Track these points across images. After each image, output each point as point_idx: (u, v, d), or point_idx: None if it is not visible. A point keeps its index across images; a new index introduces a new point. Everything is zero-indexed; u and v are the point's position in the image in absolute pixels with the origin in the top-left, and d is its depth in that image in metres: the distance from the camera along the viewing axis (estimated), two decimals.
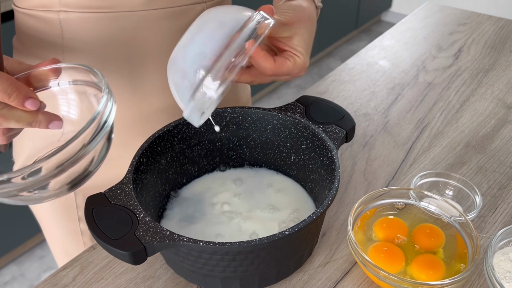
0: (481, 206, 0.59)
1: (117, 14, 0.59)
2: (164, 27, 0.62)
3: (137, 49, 0.63)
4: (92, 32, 0.60)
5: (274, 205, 0.61)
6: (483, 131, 0.76)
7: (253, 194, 0.63)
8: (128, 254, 0.44)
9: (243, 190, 0.64)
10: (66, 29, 0.60)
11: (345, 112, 0.61)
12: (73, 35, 0.60)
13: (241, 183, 0.65)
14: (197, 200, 0.63)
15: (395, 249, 0.52)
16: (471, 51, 0.98)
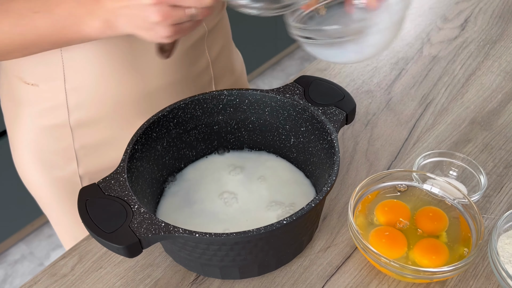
0: (486, 187, 0.57)
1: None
2: None
3: None
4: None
5: (273, 189, 0.60)
6: (489, 107, 0.73)
7: (252, 178, 0.62)
8: (123, 248, 0.43)
9: (242, 174, 0.62)
10: None
11: (345, 92, 0.58)
12: None
13: (240, 167, 0.64)
14: (195, 184, 0.62)
15: (397, 233, 0.51)
16: (478, 21, 0.94)
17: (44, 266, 1.73)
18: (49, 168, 0.70)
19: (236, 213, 0.57)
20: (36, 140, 0.68)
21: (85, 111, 0.65)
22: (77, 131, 0.66)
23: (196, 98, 0.59)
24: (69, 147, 0.68)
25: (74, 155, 0.68)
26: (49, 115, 0.65)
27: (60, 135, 0.67)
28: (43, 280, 0.54)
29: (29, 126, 0.67)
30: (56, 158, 0.69)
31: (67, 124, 0.65)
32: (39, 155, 0.69)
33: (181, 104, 0.59)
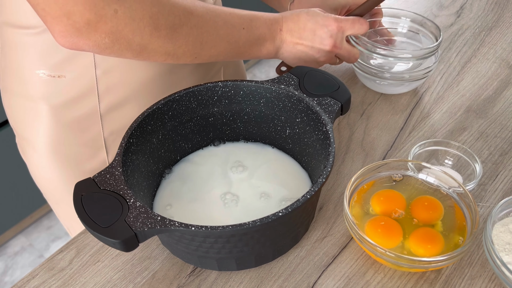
0: (481, 175, 0.57)
1: None
2: None
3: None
4: None
5: (269, 179, 0.60)
6: (485, 94, 0.73)
7: (248, 169, 0.62)
8: (119, 242, 0.43)
9: (238, 165, 0.62)
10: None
11: (340, 83, 0.58)
12: None
13: (236, 158, 0.64)
14: (191, 176, 0.62)
15: (393, 223, 0.51)
16: (473, 8, 0.94)
17: (44, 258, 1.73)
18: (74, 164, 0.68)
19: (232, 204, 0.58)
20: (59, 137, 0.66)
21: (114, 95, 0.64)
22: (107, 117, 0.65)
23: (190, 90, 0.59)
24: (98, 136, 0.66)
25: (103, 143, 0.67)
26: (76, 106, 0.64)
27: (88, 125, 0.65)
28: (41, 274, 0.54)
29: (50, 123, 0.65)
30: (83, 151, 0.67)
31: (97, 111, 0.64)
32: (63, 151, 0.67)
33: (175, 96, 0.59)
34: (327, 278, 0.52)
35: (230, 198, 0.58)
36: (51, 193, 0.75)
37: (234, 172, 0.61)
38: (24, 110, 0.67)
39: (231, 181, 0.60)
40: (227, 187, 0.59)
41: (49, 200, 0.78)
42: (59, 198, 0.75)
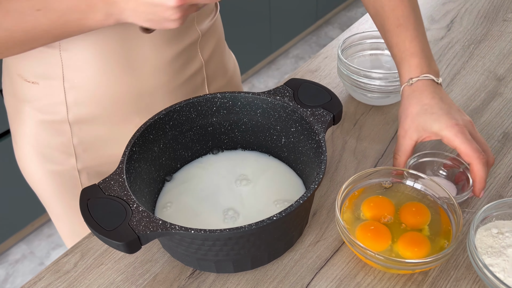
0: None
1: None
2: None
3: (131, 29, 0.63)
4: None
5: (265, 186, 0.63)
6: (473, 105, 0.76)
7: (245, 176, 0.64)
8: (123, 244, 0.46)
9: (235, 173, 0.65)
10: None
11: (332, 94, 0.61)
12: None
13: (234, 166, 0.67)
14: (191, 183, 0.64)
15: (382, 227, 0.54)
16: (463, 22, 0.97)
17: (45, 265, 1.75)
18: (49, 162, 0.73)
19: (228, 209, 0.60)
20: (37, 135, 0.71)
21: (83, 108, 0.68)
22: (76, 127, 0.69)
23: (190, 101, 0.62)
24: (68, 143, 0.70)
25: (73, 150, 0.71)
26: (49, 111, 0.68)
27: (59, 130, 0.69)
28: (47, 277, 0.57)
29: (30, 122, 0.70)
30: (56, 153, 0.72)
31: (66, 120, 0.68)
32: (40, 149, 0.72)
33: (176, 107, 0.62)
34: (320, 280, 0.55)
35: (226, 204, 0.61)
36: (35, 188, 0.80)
37: (232, 180, 0.64)
38: (13, 108, 0.72)
39: (227, 188, 0.63)
40: (224, 194, 0.62)
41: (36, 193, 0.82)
42: (46, 196, 0.79)
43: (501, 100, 0.77)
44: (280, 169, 0.66)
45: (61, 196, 0.77)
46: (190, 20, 0.69)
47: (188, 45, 0.70)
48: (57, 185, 0.75)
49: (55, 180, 0.75)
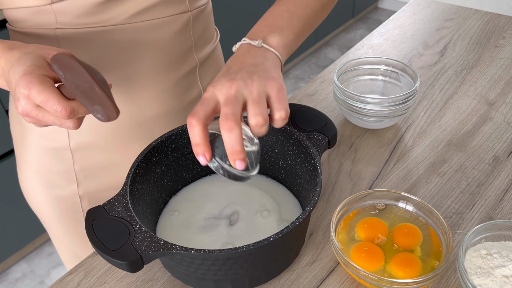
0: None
1: (110, 28, 0.63)
2: (154, 36, 0.66)
3: (131, 58, 0.66)
4: (87, 44, 0.63)
5: (263, 208, 0.65)
6: (465, 129, 0.79)
7: (244, 197, 0.67)
8: (126, 263, 0.48)
9: (235, 194, 0.68)
10: (62, 42, 0.63)
11: (328, 119, 0.64)
12: (70, 48, 0.64)
13: (233, 187, 0.69)
14: (192, 204, 0.67)
15: (375, 248, 0.56)
16: (456, 48, 1.00)
17: (45, 284, 1.76)
18: (51, 187, 0.75)
19: (229, 230, 0.62)
20: (40, 161, 0.73)
21: (84, 136, 0.70)
22: (77, 154, 0.71)
23: None
24: (70, 169, 0.73)
25: (74, 176, 0.73)
26: (52, 138, 0.71)
27: (61, 157, 0.72)
28: None
29: (34, 148, 0.73)
30: (58, 179, 0.74)
31: (67, 147, 0.71)
32: (43, 175, 0.74)
33: (178, 130, 0.64)
34: None
35: (228, 224, 0.63)
36: (37, 211, 0.82)
37: (231, 201, 0.66)
38: (18, 134, 0.75)
39: (227, 208, 0.65)
40: (226, 214, 0.64)
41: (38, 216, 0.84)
42: (47, 219, 0.81)
43: (491, 125, 0.79)
44: (278, 190, 0.68)
45: (62, 220, 0.79)
46: (189, 48, 0.72)
47: (186, 72, 0.72)
48: (58, 209, 0.77)
49: (57, 205, 0.77)
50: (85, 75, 0.48)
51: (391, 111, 0.75)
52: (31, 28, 0.63)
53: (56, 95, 0.47)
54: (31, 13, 0.61)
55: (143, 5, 0.62)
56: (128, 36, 0.64)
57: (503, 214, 0.64)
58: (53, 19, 0.61)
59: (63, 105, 0.47)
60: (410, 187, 0.69)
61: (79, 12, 0.60)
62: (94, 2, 0.59)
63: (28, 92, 0.47)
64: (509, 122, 0.79)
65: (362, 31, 3.10)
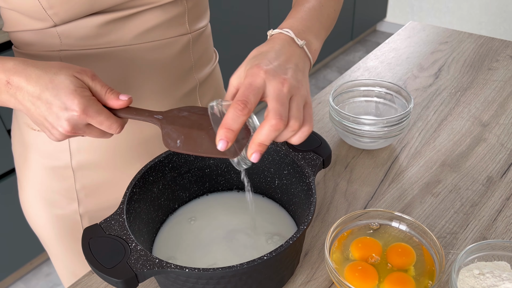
0: None
1: (113, 49, 0.64)
2: (155, 57, 0.68)
3: (133, 78, 0.68)
4: (91, 65, 0.65)
5: (259, 226, 0.65)
6: (459, 150, 0.80)
7: (240, 217, 0.67)
8: (121, 282, 0.48)
9: (231, 213, 0.68)
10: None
11: (322, 140, 0.65)
12: None
13: (229, 206, 0.70)
14: (188, 223, 0.67)
15: (369, 268, 0.57)
16: (451, 70, 1.02)
17: None
18: (52, 206, 0.76)
19: (225, 249, 0.63)
20: (42, 180, 0.74)
21: (86, 155, 0.71)
22: (78, 173, 0.72)
23: None
24: (71, 188, 0.73)
25: (75, 195, 0.74)
26: (53, 158, 0.72)
27: (63, 176, 0.73)
28: None
29: (36, 168, 0.74)
30: (59, 198, 0.75)
31: (69, 166, 0.72)
32: (44, 194, 0.75)
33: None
34: None
35: (224, 243, 0.63)
36: (38, 231, 0.82)
37: (228, 220, 0.67)
38: (20, 155, 0.76)
39: (225, 227, 0.66)
40: (222, 233, 0.65)
41: (38, 236, 0.84)
42: (47, 238, 0.81)
43: (485, 146, 0.80)
44: (273, 209, 0.69)
45: (62, 239, 0.79)
46: (189, 68, 0.73)
47: (187, 92, 0.74)
48: (58, 228, 0.78)
49: (57, 224, 0.77)
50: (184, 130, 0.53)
51: (385, 132, 0.76)
52: (36, 50, 0.65)
53: (110, 115, 0.54)
54: (37, 35, 0.63)
55: (144, 27, 0.64)
56: (130, 57, 0.66)
57: (497, 234, 0.65)
58: (58, 41, 0.63)
59: (118, 123, 0.54)
60: (405, 207, 0.70)
61: (82, 34, 0.62)
62: (96, 24, 0.61)
63: (83, 113, 0.51)
64: (503, 143, 0.81)
65: (361, 53, 3.14)
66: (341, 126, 0.78)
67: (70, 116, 0.51)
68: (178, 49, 0.70)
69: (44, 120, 0.53)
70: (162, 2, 0.64)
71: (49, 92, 0.51)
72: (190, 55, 0.72)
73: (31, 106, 0.53)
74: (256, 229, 0.65)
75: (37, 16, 0.60)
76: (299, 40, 0.56)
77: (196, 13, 0.71)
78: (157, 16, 0.65)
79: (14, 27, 0.64)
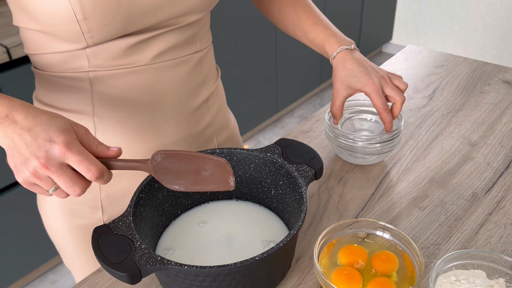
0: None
1: (136, 68, 0.71)
2: (172, 73, 0.74)
3: (154, 93, 0.74)
4: (117, 83, 0.71)
5: (255, 233, 0.70)
6: (447, 167, 0.85)
7: (238, 224, 0.72)
8: (126, 275, 0.53)
9: (230, 221, 0.73)
10: (95, 84, 0.70)
11: (315, 153, 0.70)
12: (102, 88, 0.71)
13: (229, 215, 0.75)
14: (190, 229, 0.72)
15: (354, 272, 0.61)
16: (444, 92, 1.07)
17: None
18: (75, 217, 0.80)
19: (222, 253, 0.68)
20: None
21: None
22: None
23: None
24: (96, 198, 0.78)
25: (100, 204, 0.79)
26: None
27: (91, 187, 0.77)
28: None
29: None
30: (84, 208, 0.79)
31: None
32: (68, 205, 0.80)
33: None
34: None
35: (222, 247, 0.68)
36: (57, 241, 0.87)
37: (226, 226, 0.72)
38: None
39: (223, 233, 0.71)
40: (220, 238, 0.70)
41: (57, 246, 0.89)
42: (64, 245, 0.85)
43: (472, 164, 0.85)
44: (269, 218, 0.74)
45: (81, 247, 0.83)
46: (201, 82, 0.80)
47: (200, 103, 0.80)
48: (78, 237, 0.82)
49: (79, 233, 0.81)
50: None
51: (378, 149, 0.81)
52: (63, 72, 0.70)
53: (91, 157, 0.53)
54: (64, 57, 0.68)
55: (162, 48, 0.71)
56: (152, 75, 0.72)
57: (477, 246, 0.69)
58: (86, 63, 0.68)
59: (98, 168, 0.53)
60: (393, 219, 0.75)
61: (110, 55, 0.68)
62: (123, 46, 0.67)
63: (65, 147, 0.52)
64: (489, 162, 0.85)
65: None
66: (336, 142, 0.84)
67: (51, 148, 0.52)
68: (192, 65, 0.76)
69: (23, 151, 0.52)
70: (181, 24, 0.71)
71: (41, 127, 0.53)
72: (201, 70, 0.79)
73: (16, 138, 0.53)
74: (253, 236, 0.70)
75: (71, 39, 0.64)
76: (352, 46, 0.84)
77: (204, 32, 0.78)
78: (175, 37, 0.71)
79: (39, 49, 0.68)
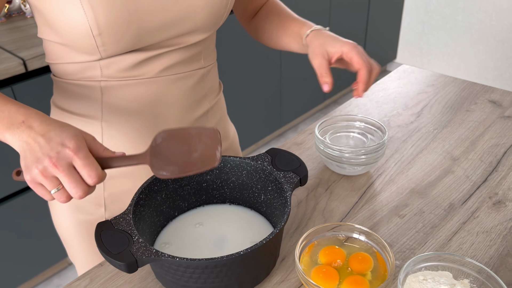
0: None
1: (144, 80, 0.78)
2: (177, 86, 0.81)
3: (158, 103, 0.81)
4: (125, 93, 0.78)
5: (245, 234, 0.77)
6: (428, 179, 0.91)
7: (230, 226, 0.79)
8: (124, 265, 0.60)
9: (223, 223, 0.80)
10: (105, 92, 0.78)
11: (301, 162, 0.77)
12: (111, 97, 0.78)
13: (222, 217, 0.81)
14: (186, 230, 0.79)
15: (332, 270, 0.67)
16: (432, 110, 1.14)
17: None
18: (80, 212, 0.87)
19: (215, 251, 0.74)
20: None
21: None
22: (108, 183, 0.84)
23: None
24: (100, 195, 0.85)
25: (103, 202, 0.86)
26: None
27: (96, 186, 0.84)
28: None
29: None
30: (88, 204, 0.86)
31: None
32: (74, 201, 0.86)
33: None
34: None
35: (214, 246, 0.74)
36: (63, 235, 0.94)
37: (219, 228, 0.78)
38: None
39: (216, 234, 0.77)
40: (213, 238, 0.76)
41: (62, 240, 0.95)
42: (70, 239, 0.92)
43: (452, 177, 0.91)
44: (258, 221, 0.80)
45: (84, 241, 0.90)
46: (203, 96, 0.87)
47: (201, 115, 0.87)
48: (82, 231, 0.89)
49: (83, 228, 0.88)
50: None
51: (363, 160, 0.88)
52: (77, 79, 0.77)
53: (95, 163, 0.59)
54: (80, 67, 0.75)
55: (168, 63, 0.78)
56: (158, 86, 0.79)
57: (450, 251, 0.75)
58: (99, 73, 0.75)
59: (97, 174, 0.59)
60: (373, 225, 0.80)
61: (120, 67, 0.75)
62: (133, 61, 0.75)
63: (73, 151, 0.57)
64: (468, 176, 0.91)
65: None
66: (325, 154, 0.90)
67: (62, 150, 0.57)
68: (195, 80, 0.83)
69: (36, 151, 0.57)
70: (187, 43, 0.78)
71: (54, 133, 0.58)
72: (204, 85, 0.86)
73: (30, 141, 0.58)
74: (243, 237, 0.76)
75: (88, 51, 0.72)
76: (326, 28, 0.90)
77: (209, 51, 0.85)
78: (180, 55, 0.79)
79: (58, 59, 0.76)
